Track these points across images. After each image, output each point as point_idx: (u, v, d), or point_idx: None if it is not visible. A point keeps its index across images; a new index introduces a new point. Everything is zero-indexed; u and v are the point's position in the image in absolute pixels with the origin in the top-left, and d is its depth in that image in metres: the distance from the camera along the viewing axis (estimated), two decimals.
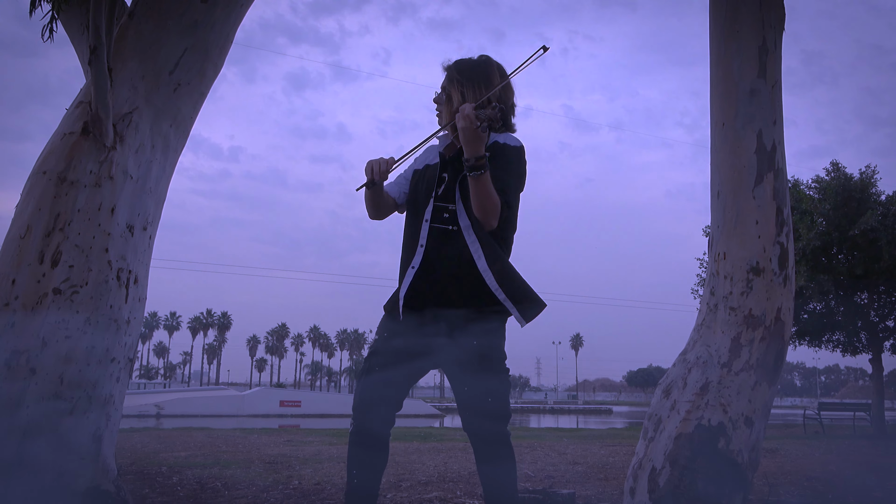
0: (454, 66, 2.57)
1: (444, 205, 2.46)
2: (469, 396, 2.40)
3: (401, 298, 2.41)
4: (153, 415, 35.10)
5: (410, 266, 2.42)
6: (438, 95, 2.57)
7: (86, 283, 2.61)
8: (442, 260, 2.40)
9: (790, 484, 4.84)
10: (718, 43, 3.00)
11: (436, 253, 2.41)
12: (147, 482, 4.41)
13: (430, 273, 2.40)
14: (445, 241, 2.42)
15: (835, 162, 16.54)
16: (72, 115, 2.81)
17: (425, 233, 2.44)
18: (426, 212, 2.45)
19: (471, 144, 2.20)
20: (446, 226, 2.43)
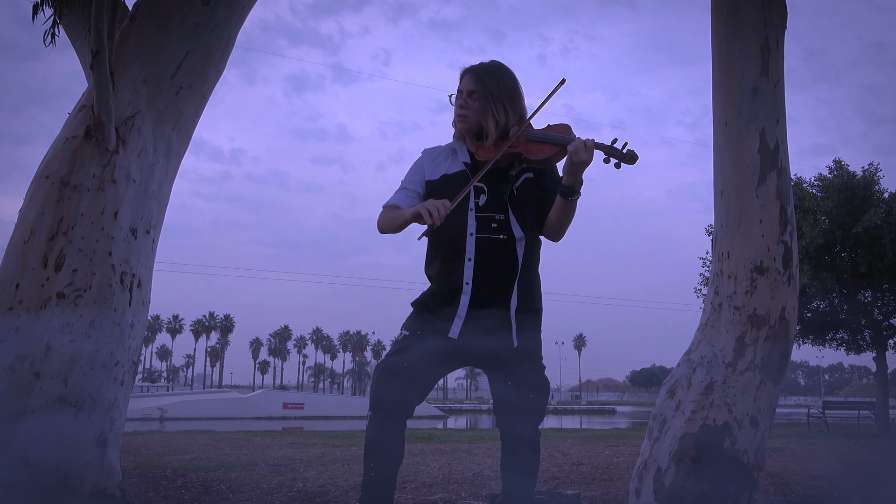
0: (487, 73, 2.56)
1: (489, 214, 2.48)
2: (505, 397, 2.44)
3: (458, 317, 2.42)
4: (157, 418, 35.12)
5: (464, 282, 2.42)
6: (465, 99, 2.54)
7: (89, 286, 2.61)
8: (493, 272, 2.45)
9: (795, 483, 4.83)
10: (720, 42, 3.00)
11: (485, 265, 2.45)
12: (151, 485, 4.41)
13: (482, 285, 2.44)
14: (494, 252, 2.46)
15: (837, 160, 16.52)
16: (74, 119, 2.82)
17: (472, 246, 2.45)
18: (468, 225, 2.46)
19: (579, 174, 2.39)
20: (496, 235, 2.47)
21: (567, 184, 2.41)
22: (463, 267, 2.44)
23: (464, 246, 2.46)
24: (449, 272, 2.46)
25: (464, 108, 2.55)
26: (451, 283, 2.45)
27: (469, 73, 2.57)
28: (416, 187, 2.59)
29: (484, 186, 2.51)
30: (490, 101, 2.50)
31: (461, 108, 2.56)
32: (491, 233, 2.47)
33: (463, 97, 2.55)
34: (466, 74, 2.57)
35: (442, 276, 2.48)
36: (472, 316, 2.42)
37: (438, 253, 2.51)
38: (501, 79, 2.55)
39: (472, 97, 2.53)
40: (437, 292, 2.48)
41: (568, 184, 2.40)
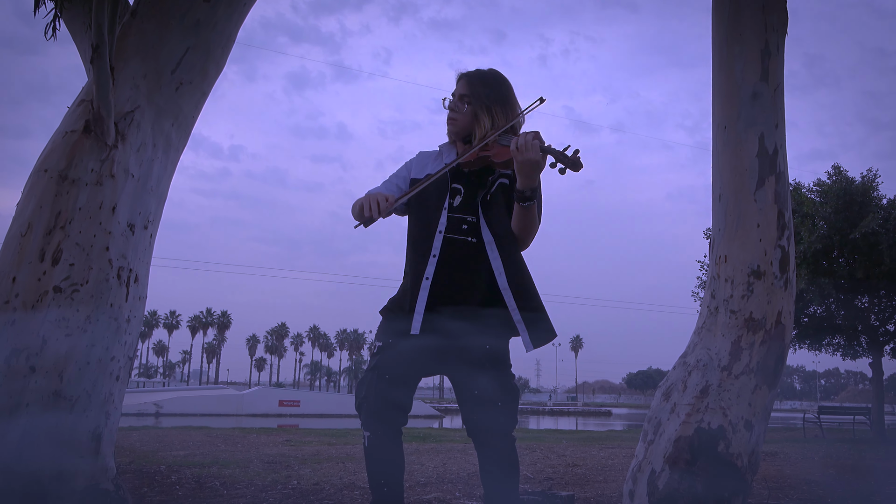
0: (479, 80, 2.57)
1: (461, 216, 2.48)
2: (477, 401, 2.42)
3: (417, 312, 2.41)
4: (152, 413, 35.10)
5: (424, 277, 2.42)
6: (455, 103, 2.56)
7: (86, 281, 2.61)
8: (457, 270, 2.43)
9: (789, 487, 4.84)
10: (721, 46, 3.00)
11: (450, 263, 2.43)
12: (146, 481, 4.41)
13: (444, 283, 2.42)
14: (461, 252, 2.45)
15: (836, 165, 16.54)
16: (73, 113, 2.81)
17: (438, 243, 2.44)
18: (439, 223, 2.46)
19: (531, 176, 2.32)
20: (464, 237, 2.46)
21: (519, 187, 2.35)
22: (427, 263, 2.43)
23: (431, 243, 2.45)
24: (414, 269, 2.47)
25: (454, 112, 2.58)
26: (414, 279, 2.45)
27: (463, 79, 2.60)
28: (399, 181, 2.61)
29: (461, 188, 2.51)
30: (478, 106, 2.52)
31: (451, 112, 2.58)
32: (460, 234, 2.47)
33: (454, 101, 2.58)
34: (461, 79, 2.61)
35: (408, 273, 2.49)
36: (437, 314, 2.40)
37: (409, 251, 2.54)
38: (493, 86, 2.56)
39: (463, 101, 2.55)
40: (402, 291, 2.49)
41: (519, 187, 2.35)
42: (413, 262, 2.49)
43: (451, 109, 2.57)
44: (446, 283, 2.41)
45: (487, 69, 2.62)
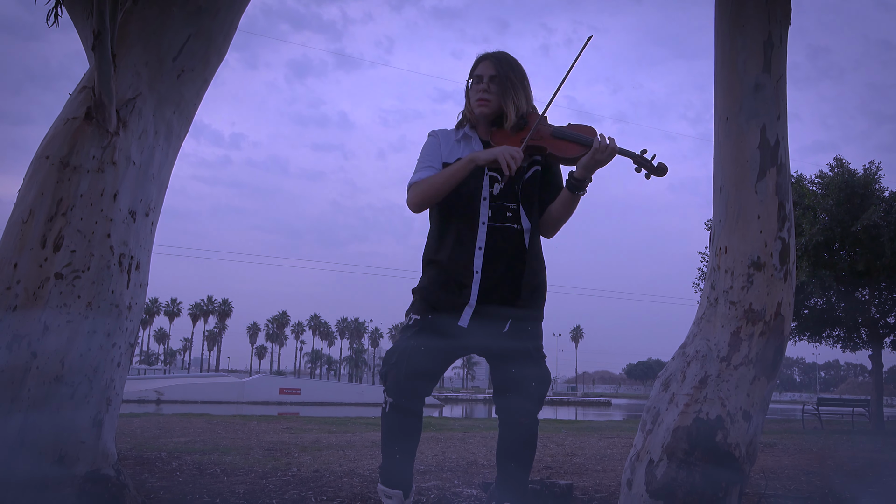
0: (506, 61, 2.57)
1: (504, 204, 2.49)
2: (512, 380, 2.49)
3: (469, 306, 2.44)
4: (153, 400, 35.23)
5: (474, 271, 2.44)
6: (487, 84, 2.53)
7: (87, 268, 2.62)
8: (503, 259, 2.47)
9: (787, 478, 4.86)
10: (723, 37, 2.99)
11: (496, 254, 2.47)
12: (146, 467, 4.43)
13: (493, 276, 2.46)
14: (505, 240, 2.48)
15: (838, 157, 16.52)
16: (75, 99, 2.81)
17: (483, 235, 2.46)
18: (481, 213, 2.47)
19: (593, 171, 2.45)
20: (510, 224, 2.49)
21: (579, 177, 2.44)
22: (473, 255, 2.45)
23: (475, 235, 2.46)
24: (458, 260, 2.46)
25: (486, 93, 2.52)
26: (459, 271, 2.46)
27: (488, 59, 2.57)
28: (440, 167, 2.54)
29: (499, 175, 2.50)
30: (510, 87, 2.51)
31: (483, 93, 2.53)
32: (506, 221, 2.48)
33: (484, 82, 2.53)
34: (485, 60, 2.57)
35: (450, 263, 2.48)
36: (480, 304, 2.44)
37: (447, 240, 2.50)
38: (517, 67, 2.57)
39: (494, 82, 2.52)
40: (445, 280, 2.48)
41: (580, 177, 2.44)
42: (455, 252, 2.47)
43: (483, 91, 2.53)
44: (493, 275, 2.45)
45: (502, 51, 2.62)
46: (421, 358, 2.43)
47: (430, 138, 2.62)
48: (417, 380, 2.44)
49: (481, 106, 2.54)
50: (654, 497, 2.51)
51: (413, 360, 2.42)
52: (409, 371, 2.42)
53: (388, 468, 2.51)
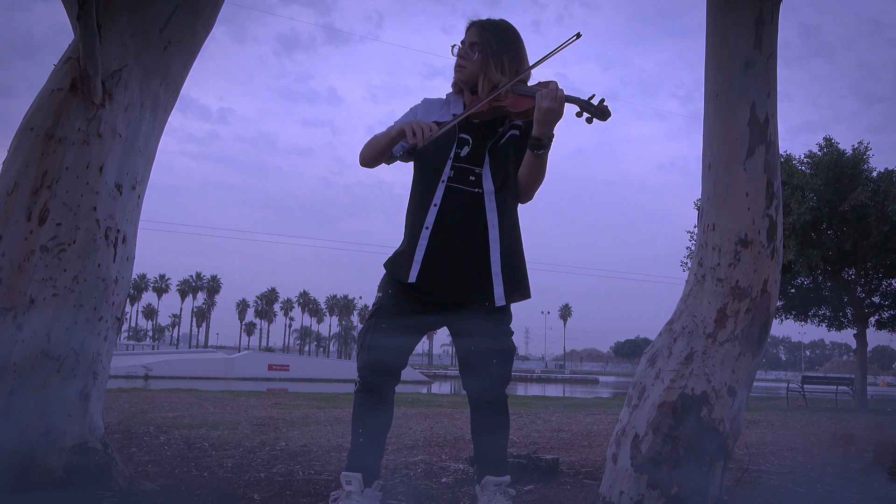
0: (490, 28, 2.51)
1: (468, 167, 2.45)
2: (474, 356, 2.45)
3: (415, 262, 2.41)
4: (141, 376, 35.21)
5: (424, 226, 2.41)
6: (465, 50, 2.50)
7: (73, 241, 2.60)
8: (458, 220, 2.42)
9: (770, 454, 4.92)
10: (715, 13, 2.98)
11: (450, 213, 2.42)
12: (134, 441, 4.44)
13: (444, 233, 2.41)
14: (464, 203, 2.43)
15: (828, 137, 16.56)
16: (59, 70, 2.77)
17: (441, 192, 2.42)
18: (443, 172, 2.44)
19: (550, 125, 2.32)
20: (471, 188, 2.44)
21: (535, 135, 2.34)
22: (427, 212, 2.42)
23: (433, 192, 2.43)
24: (415, 218, 2.45)
25: (463, 59, 2.51)
26: (413, 228, 2.44)
27: (474, 26, 2.53)
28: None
29: (469, 139, 2.47)
30: (489, 54, 2.47)
31: (460, 59, 2.51)
32: (466, 185, 2.44)
33: (464, 48, 2.51)
34: (472, 27, 2.54)
35: (411, 219, 2.48)
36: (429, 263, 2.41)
37: (414, 198, 2.51)
38: (504, 36, 2.51)
39: (473, 49, 2.49)
40: (403, 242, 2.48)
41: (536, 135, 2.34)
42: (414, 211, 2.48)
43: (460, 57, 2.51)
44: (445, 233, 2.40)
45: (499, 19, 2.56)
46: (384, 336, 2.42)
47: (418, 105, 2.62)
48: (385, 359, 2.43)
49: (457, 72, 2.53)
50: (639, 471, 2.53)
51: (377, 339, 2.42)
52: (374, 350, 2.42)
53: (353, 450, 2.48)
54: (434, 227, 2.41)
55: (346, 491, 2.41)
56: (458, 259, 2.41)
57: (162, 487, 2.86)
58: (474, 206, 2.42)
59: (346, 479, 2.44)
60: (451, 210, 2.41)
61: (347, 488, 2.42)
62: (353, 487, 2.41)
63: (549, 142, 2.36)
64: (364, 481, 2.43)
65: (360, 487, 2.41)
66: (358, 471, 2.43)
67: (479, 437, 2.53)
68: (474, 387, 2.48)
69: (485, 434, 2.51)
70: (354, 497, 2.39)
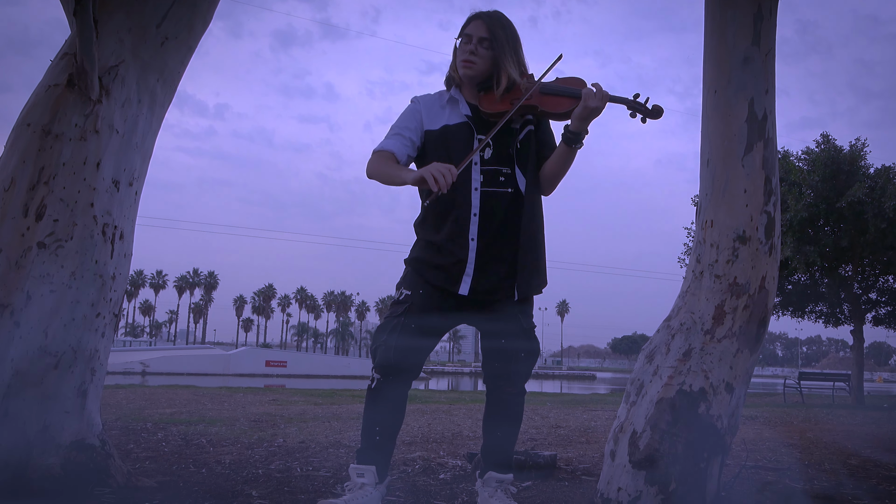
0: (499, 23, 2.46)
1: (495, 168, 2.43)
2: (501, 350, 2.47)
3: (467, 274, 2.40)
4: (139, 372, 35.21)
5: (469, 238, 2.39)
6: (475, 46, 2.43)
7: (71, 237, 2.60)
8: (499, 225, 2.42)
9: (768, 450, 4.93)
10: (713, 9, 2.97)
11: (491, 219, 2.41)
12: (132, 437, 4.43)
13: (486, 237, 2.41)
14: (500, 206, 2.42)
15: (825, 134, 16.58)
16: (56, 66, 2.77)
17: (477, 200, 2.40)
18: (473, 179, 2.40)
19: (588, 122, 2.36)
20: (504, 189, 2.43)
21: (574, 130, 2.36)
22: (469, 222, 2.39)
23: (469, 200, 2.39)
24: (453, 227, 2.41)
25: (473, 55, 2.42)
26: (455, 238, 2.40)
27: (480, 20, 2.45)
28: (412, 135, 2.48)
29: (489, 139, 2.44)
30: (503, 51, 2.42)
31: (471, 55, 2.43)
32: (499, 186, 2.42)
33: (473, 43, 2.43)
34: (476, 20, 2.45)
35: (445, 231, 2.42)
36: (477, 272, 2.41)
37: (440, 207, 2.43)
38: (511, 31, 2.47)
39: (483, 45, 2.42)
40: (439, 248, 2.43)
41: (575, 130, 2.36)
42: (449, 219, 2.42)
43: (469, 52, 2.43)
44: (489, 241, 2.41)
45: (496, 11, 2.50)
46: (411, 336, 2.39)
47: (411, 105, 2.54)
48: (407, 358, 2.41)
49: (465, 67, 2.44)
50: (637, 467, 2.53)
51: (403, 338, 2.38)
52: (399, 349, 2.38)
53: (366, 448, 2.44)
54: (479, 238, 2.40)
55: (359, 483, 2.39)
56: (496, 260, 2.42)
57: (160, 484, 2.85)
58: (510, 207, 2.43)
59: (359, 471, 2.41)
60: (490, 216, 2.41)
61: (360, 480, 2.39)
62: (366, 480, 2.39)
63: (584, 137, 2.41)
64: (377, 472, 2.42)
65: (375, 480, 2.41)
66: (372, 463, 2.42)
67: (490, 431, 2.56)
68: (498, 378, 2.51)
69: (497, 428, 2.55)
70: (368, 489, 2.38)
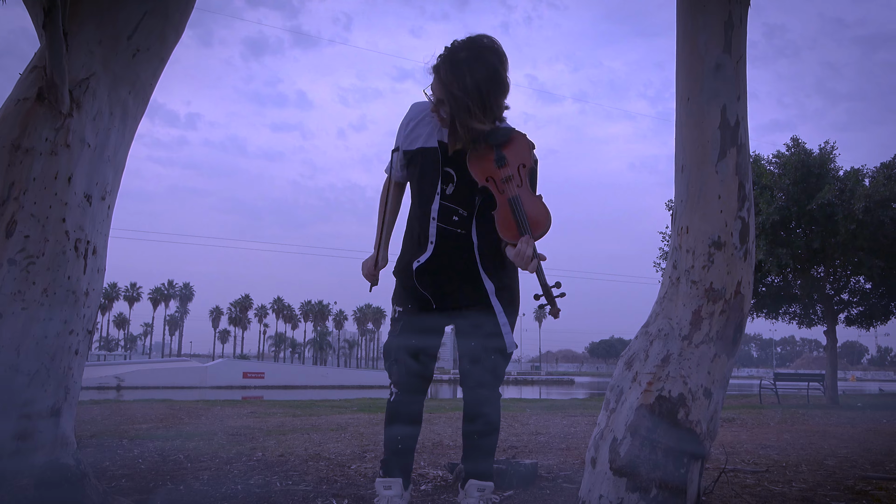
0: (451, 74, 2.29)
1: (453, 206, 2.46)
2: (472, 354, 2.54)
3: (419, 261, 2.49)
4: (114, 387, 34.73)
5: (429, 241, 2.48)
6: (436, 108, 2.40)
7: (42, 253, 2.55)
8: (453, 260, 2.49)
9: (746, 452, 4.97)
10: (685, 16, 3.00)
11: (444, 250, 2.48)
12: (107, 455, 4.36)
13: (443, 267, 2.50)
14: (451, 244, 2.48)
15: (795, 137, 16.85)
16: (26, 80, 2.73)
17: (434, 230, 2.47)
18: (432, 209, 2.46)
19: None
20: (455, 228, 2.48)
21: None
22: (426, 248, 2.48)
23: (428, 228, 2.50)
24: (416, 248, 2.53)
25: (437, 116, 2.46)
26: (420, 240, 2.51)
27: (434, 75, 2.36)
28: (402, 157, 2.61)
29: (453, 174, 2.45)
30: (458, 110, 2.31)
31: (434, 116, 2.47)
32: (451, 225, 2.47)
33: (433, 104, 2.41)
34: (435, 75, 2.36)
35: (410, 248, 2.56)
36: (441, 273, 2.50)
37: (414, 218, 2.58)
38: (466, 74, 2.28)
39: (439, 108, 2.39)
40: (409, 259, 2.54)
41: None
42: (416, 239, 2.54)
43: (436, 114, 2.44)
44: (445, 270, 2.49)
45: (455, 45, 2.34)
46: (415, 350, 2.55)
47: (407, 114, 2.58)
48: (420, 371, 2.57)
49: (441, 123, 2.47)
50: (618, 474, 2.54)
51: (411, 357, 2.55)
52: (411, 365, 2.55)
53: (390, 459, 2.58)
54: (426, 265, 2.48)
55: (388, 496, 2.50)
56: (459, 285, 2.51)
57: (136, 502, 2.81)
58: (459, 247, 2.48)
59: (386, 484, 2.53)
60: (444, 247, 2.48)
61: (387, 493, 2.50)
62: (393, 492, 2.51)
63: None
64: (403, 484, 2.55)
65: (401, 491, 2.53)
66: (399, 475, 2.55)
67: (468, 435, 2.62)
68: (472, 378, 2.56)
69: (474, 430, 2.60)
70: (396, 500, 2.50)
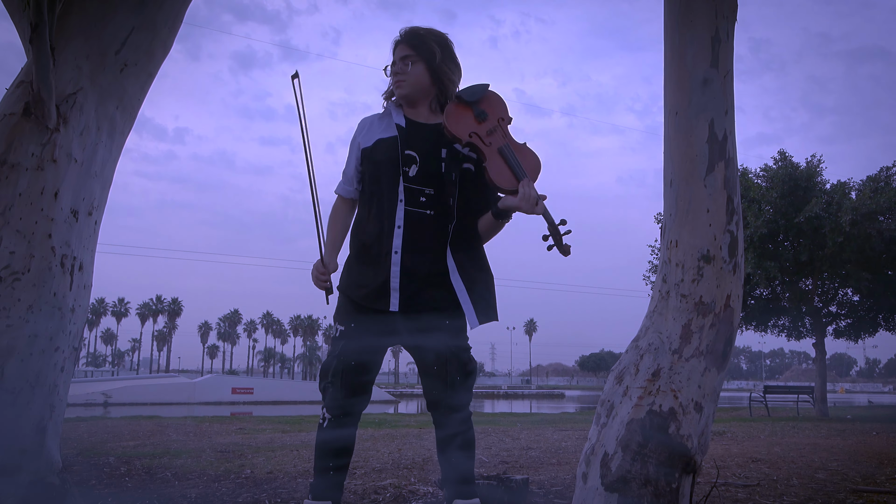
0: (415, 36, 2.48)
1: (418, 187, 2.41)
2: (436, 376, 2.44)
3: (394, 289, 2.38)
4: (101, 403, 34.39)
5: (393, 251, 2.38)
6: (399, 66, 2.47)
7: (28, 269, 2.53)
8: (419, 243, 2.41)
9: (736, 465, 4.96)
10: (672, 32, 3.02)
11: (412, 236, 2.40)
12: (94, 472, 4.31)
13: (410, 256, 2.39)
14: (421, 225, 2.41)
15: (782, 151, 16.97)
16: (12, 95, 2.71)
17: (402, 214, 2.39)
18: (398, 191, 2.40)
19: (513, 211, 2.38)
20: (423, 210, 2.41)
21: (503, 208, 2.38)
22: (393, 235, 2.39)
23: (394, 213, 2.41)
24: (378, 241, 2.42)
25: (400, 74, 2.48)
26: (379, 251, 2.41)
27: (400, 42, 2.52)
28: (353, 172, 2.56)
29: (416, 156, 2.43)
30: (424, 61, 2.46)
31: (397, 75, 2.49)
32: (419, 207, 2.41)
33: (398, 65, 2.49)
34: (398, 45, 2.52)
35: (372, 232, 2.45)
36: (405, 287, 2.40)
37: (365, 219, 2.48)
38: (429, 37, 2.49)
39: (407, 61, 2.46)
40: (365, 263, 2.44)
41: (504, 208, 2.38)
42: (371, 230, 2.43)
43: (396, 73, 2.49)
44: (415, 256, 2.39)
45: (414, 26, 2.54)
46: (353, 371, 2.43)
47: (355, 131, 2.60)
48: (355, 394, 2.46)
49: (398, 88, 2.50)
50: (609, 490, 2.52)
51: (347, 376, 2.43)
52: (346, 386, 2.43)
53: (320, 483, 2.46)
54: (402, 250, 2.39)
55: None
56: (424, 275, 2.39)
57: None
58: (431, 228, 2.41)
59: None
60: (413, 232, 2.39)
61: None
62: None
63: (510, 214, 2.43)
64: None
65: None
66: (327, 499, 2.43)
67: (445, 461, 2.52)
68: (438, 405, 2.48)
69: (451, 456, 2.51)
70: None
